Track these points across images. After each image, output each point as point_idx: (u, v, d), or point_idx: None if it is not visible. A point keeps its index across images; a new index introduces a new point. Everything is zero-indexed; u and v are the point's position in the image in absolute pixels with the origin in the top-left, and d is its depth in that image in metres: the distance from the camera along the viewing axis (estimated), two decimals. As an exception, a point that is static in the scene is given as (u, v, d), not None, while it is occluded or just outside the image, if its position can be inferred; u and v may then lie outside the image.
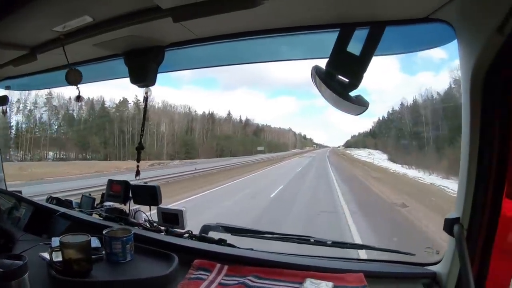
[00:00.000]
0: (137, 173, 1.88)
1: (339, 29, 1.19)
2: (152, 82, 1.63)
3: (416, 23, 1.16)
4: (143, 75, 1.59)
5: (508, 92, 0.96)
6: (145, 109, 1.87)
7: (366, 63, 1.13)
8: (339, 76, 1.16)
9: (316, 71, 1.17)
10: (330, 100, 1.19)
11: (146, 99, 1.78)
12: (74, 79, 1.58)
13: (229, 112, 76.24)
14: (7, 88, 2.37)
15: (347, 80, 1.15)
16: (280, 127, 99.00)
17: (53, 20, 1.32)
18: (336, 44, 1.16)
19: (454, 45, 1.08)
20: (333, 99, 1.17)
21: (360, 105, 1.15)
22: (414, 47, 1.35)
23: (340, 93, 1.13)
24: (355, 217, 8.69)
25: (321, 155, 57.03)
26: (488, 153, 1.00)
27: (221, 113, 74.66)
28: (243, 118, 79.16)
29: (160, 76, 1.63)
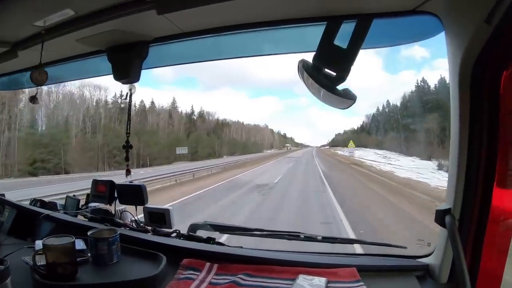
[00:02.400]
0: (128, 172, 1.85)
1: (325, 22, 1.17)
2: (136, 79, 1.59)
3: (403, 15, 1.15)
4: (126, 71, 1.55)
5: (496, 82, 0.96)
6: (129, 107, 1.83)
7: (353, 56, 1.11)
8: (326, 70, 1.14)
9: (303, 65, 1.16)
10: (317, 94, 1.18)
11: (130, 96, 1.74)
12: (40, 79, 1.53)
13: (174, 100, 60.23)
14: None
15: (334, 74, 1.13)
16: (254, 124, 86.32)
17: (34, 14, 1.27)
18: (323, 37, 1.15)
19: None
20: (320, 93, 1.16)
21: (348, 99, 1.14)
22: (401, 40, 1.34)
23: (328, 87, 1.12)
24: None
25: (306, 166, 28.29)
26: (477, 144, 1.01)
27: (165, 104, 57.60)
28: (198, 111, 62.80)
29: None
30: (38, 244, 1.27)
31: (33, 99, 1.69)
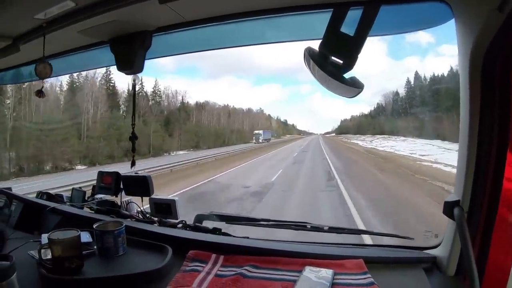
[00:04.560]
0: (133, 163, 1.85)
1: (332, 9, 1.14)
2: (140, 69, 1.57)
3: (412, 2, 1.12)
4: (130, 62, 1.52)
5: (507, 71, 0.94)
6: (134, 97, 1.82)
7: (360, 44, 1.08)
8: (333, 58, 1.11)
9: (309, 52, 1.13)
10: (324, 83, 1.16)
11: (134, 86, 1.73)
12: (45, 72, 1.52)
13: (107, 72, 40.44)
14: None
15: (341, 61, 1.11)
16: (248, 108, 75.95)
17: (34, 7, 1.25)
18: (329, 24, 1.12)
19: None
20: (326, 81, 1.13)
21: (355, 87, 1.12)
22: (409, 27, 1.30)
23: (334, 75, 1.10)
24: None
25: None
26: (488, 135, 0.99)
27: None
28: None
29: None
30: (44, 238, 1.28)
31: (39, 93, 1.68)
